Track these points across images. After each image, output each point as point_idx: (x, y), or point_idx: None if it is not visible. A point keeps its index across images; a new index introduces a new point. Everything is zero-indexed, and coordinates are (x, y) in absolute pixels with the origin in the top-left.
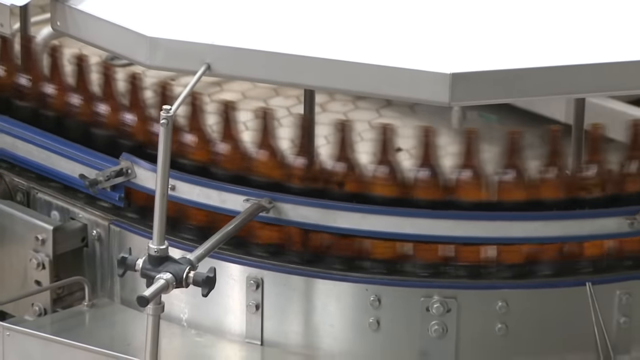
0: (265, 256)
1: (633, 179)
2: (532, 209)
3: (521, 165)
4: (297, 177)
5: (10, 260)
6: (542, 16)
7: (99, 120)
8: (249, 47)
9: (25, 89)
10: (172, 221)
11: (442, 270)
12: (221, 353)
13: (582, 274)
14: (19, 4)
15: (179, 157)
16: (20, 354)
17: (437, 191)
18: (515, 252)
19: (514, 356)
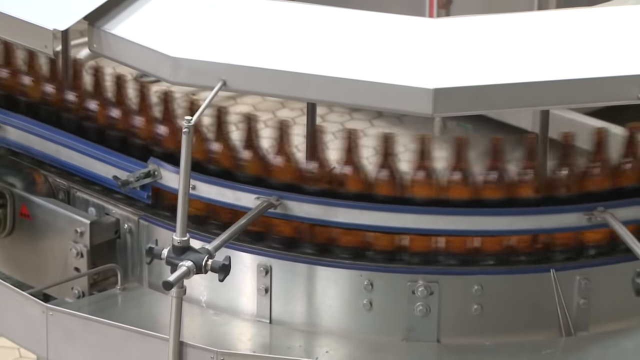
0: (274, 247)
1: (592, 181)
2: (506, 205)
3: (501, 168)
4: (301, 178)
5: (53, 250)
6: (511, 39)
7: (130, 129)
8: (259, 65)
9: (69, 103)
10: (195, 217)
11: (426, 258)
12: (235, 330)
13: (547, 262)
14: (61, 29)
15: (199, 161)
16: (62, 331)
17: (431, 190)
18: (490, 243)
19: (488, 333)
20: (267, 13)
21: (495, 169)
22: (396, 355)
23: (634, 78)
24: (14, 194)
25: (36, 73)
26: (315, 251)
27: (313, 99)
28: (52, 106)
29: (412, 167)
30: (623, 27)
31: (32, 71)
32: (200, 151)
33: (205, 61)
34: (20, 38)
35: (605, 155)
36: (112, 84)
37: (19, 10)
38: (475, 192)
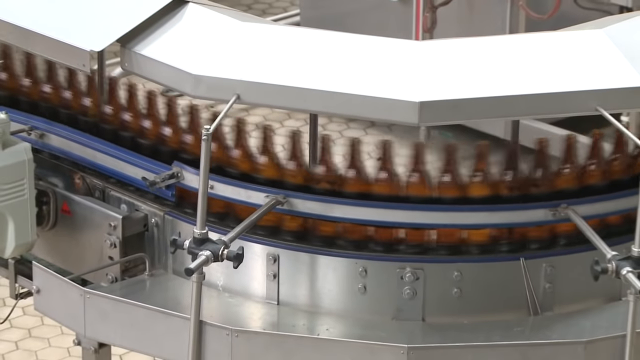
0: (281, 238)
1: (557, 181)
2: (483, 202)
3: (486, 170)
4: (305, 179)
5: (89, 241)
6: (486, 58)
7: (157, 137)
8: (268, 81)
9: (104, 114)
10: (215, 214)
11: (413, 249)
12: (247, 310)
13: (518, 251)
14: (97, 50)
15: (217, 164)
16: (97, 311)
17: (424, 189)
18: (469, 235)
19: (466, 313)
20: (274, 36)
21: (480, 171)
22: (387, 332)
23: (592, 92)
24: (56, 193)
25: (75, 88)
26: (317, 242)
27: (315, 111)
28: (89, 117)
29: (405, 170)
30: (582, 48)
31: (72, 86)
32: (217, 156)
33: (222, 78)
34: (62, 58)
35: (569, 159)
36: (141, 97)
37: (60, 32)
38: (458, 191)
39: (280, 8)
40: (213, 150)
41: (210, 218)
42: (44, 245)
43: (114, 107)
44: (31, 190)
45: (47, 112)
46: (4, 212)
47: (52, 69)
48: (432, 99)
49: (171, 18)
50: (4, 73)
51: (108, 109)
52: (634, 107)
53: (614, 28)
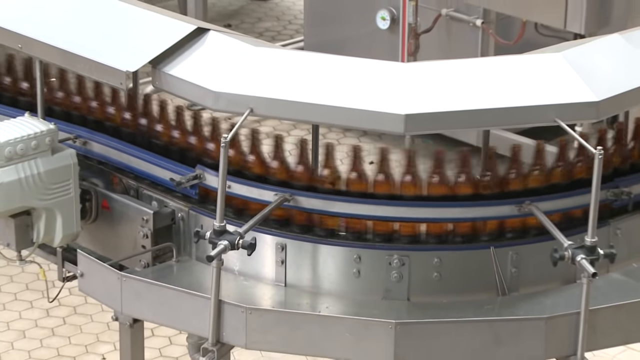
0: (288, 230)
1: (522, 182)
2: (459, 200)
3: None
4: (307, 180)
5: (126, 232)
6: (461, 78)
7: (183, 144)
8: (277, 97)
9: (138, 125)
10: (232, 209)
11: (399, 239)
12: (259, 291)
13: (488, 241)
14: (132, 70)
15: (234, 167)
16: (132, 292)
17: (416, 189)
18: (447, 227)
19: (444, 293)
20: (282, 59)
21: (463, 173)
22: (377, 310)
23: (551, 106)
24: (97, 192)
25: (113, 102)
26: (318, 234)
27: (317, 122)
28: (125, 127)
29: (399, 171)
30: (543, 69)
31: (110, 101)
32: (234, 160)
33: (238, 94)
34: (102, 77)
35: (536, 162)
36: (169, 111)
37: (100, 55)
38: (438, 190)
39: (287, 35)
40: (230, 155)
41: (228, 213)
42: (87, 236)
43: (146, 118)
44: (76, 189)
45: (90, 123)
46: (53, 208)
47: (92, 85)
48: (416, 112)
49: (195, 43)
50: (50, 90)
51: (141, 120)
52: (586, 119)
53: (569, 52)
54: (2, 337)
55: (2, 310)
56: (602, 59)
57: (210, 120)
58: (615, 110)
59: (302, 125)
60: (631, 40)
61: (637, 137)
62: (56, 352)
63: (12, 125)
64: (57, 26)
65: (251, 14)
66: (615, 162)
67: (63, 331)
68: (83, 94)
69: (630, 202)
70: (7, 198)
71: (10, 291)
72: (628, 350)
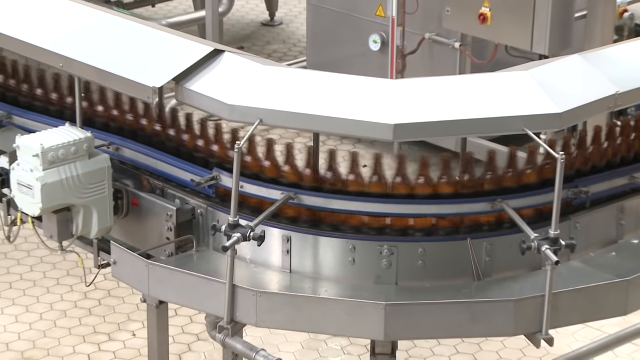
0: (292, 224)
1: (494, 182)
2: (441, 198)
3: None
4: (310, 180)
5: (152, 226)
6: (443, 92)
7: (201, 150)
8: (283, 109)
9: (163, 133)
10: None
11: (389, 232)
12: (268, 277)
13: (466, 233)
14: (158, 86)
15: (245, 169)
16: (157, 278)
17: (404, 189)
18: (431, 222)
19: (428, 279)
20: (288, 76)
21: (445, 175)
22: (370, 293)
23: (519, 117)
24: (128, 191)
25: (141, 114)
26: (319, 227)
27: (318, 131)
28: (152, 135)
29: (390, 174)
30: (512, 85)
31: (139, 113)
32: (246, 164)
33: (249, 107)
34: (132, 92)
35: (508, 165)
36: (191, 121)
37: (130, 73)
38: (422, 190)
39: (292, 56)
40: (243, 160)
41: (241, 209)
42: (119, 229)
43: (170, 128)
44: (109, 189)
45: (122, 131)
46: (90, 205)
47: (124, 99)
48: (403, 122)
49: (212, 63)
50: (86, 103)
51: (166, 130)
52: (550, 128)
53: (535, 70)
54: (46, 317)
55: (47, 294)
56: (564, 77)
57: (226, 129)
58: (576, 121)
59: (305, 134)
60: (589, 60)
61: (595, 144)
62: (93, 330)
63: (55, 133)
64: (93, 48)
65: (261, 37)
66: (575, 166)
67: (99, 311)
68: (116, 106)
69: (588, 200)
70: (50, 196)
71: (54, 277)
72: (586, 328)
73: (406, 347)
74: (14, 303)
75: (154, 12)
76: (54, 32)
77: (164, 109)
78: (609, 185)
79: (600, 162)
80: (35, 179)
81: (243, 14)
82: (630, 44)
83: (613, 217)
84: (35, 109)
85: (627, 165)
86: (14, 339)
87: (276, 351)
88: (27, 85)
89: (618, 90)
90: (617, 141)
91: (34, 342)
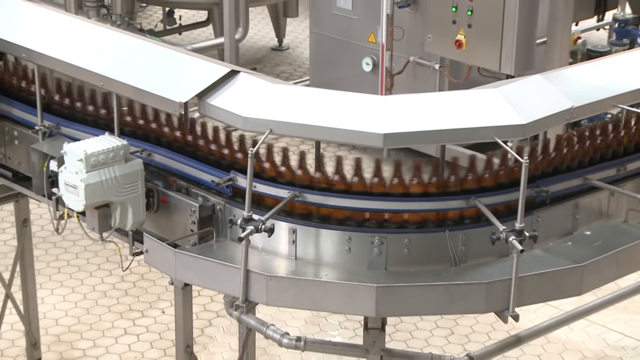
0: (297, 218)
1: (468, 182)
2: (425, 196)
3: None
4: (312, 181)
5: (179, 220)
6: (425, 107)
7: (221, 155)
8: (289, 121)
9: (188, 141)
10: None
11: (380, 224)
12: (276, 263)
13: (444, 226)
14: (183, 101)
15: (258, 171)
16: (183, 264)
17: (394, 188)
18: (414, 216)
19: (412, 264)
20: (294, 92)
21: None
22: (363, 276)
23: (490, 127)
24: (158, 190)
25: (170, 124)
26: (320, 221)
27: (319, 139)
28: (178, 142)
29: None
30: (484, 100)
31: (168, 123)
32: (258, 167)
33: (261, 118)
34: (162, 106)
35: (480, 168)
36: (211, 130)
37: (160, 90)
38: (407, 189)
39: (297, 75)
40: (256, 163)
41: (253, 205)
42: (150, 222)
43: (194, 136)
44: (142, 188)
45: (152, 139)
46: (125, 202)
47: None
48: (392, 132)
49: (229, 81)
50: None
51: (190, 138)
52: (516, 137)
53: (503, 88)
54: (89, 297)
55: (89, 277)
56: (527, 93)
57: (241, 137)
58: (537, 130)
59: (308, 141)
60: (548, 79)
61: (554, 150)
62: (128, 307)
63: (96, 141)
64: (129, 69)
65: (271, 60)
66: (537, 168)
67: (133, 292)
68: (148, 118)
69: (547, 198)
70: (92, 195)
71: (95, 263)
72: (546, 306)
73: (394, 322)
74: (61, 285)
75: (181, 39)
76: (95, 55)
77: (188, 120)
78: (566, 185)
79: (559, 165)
80: (80, 180)
81: (255, 40)
82: (582, 66)
83: (569, 212)
84: (80, 121)
85: (581, 168)
86: (62, 315)
87: (283, 326)
88: (72, 100)
89: (573, 104)
90: (572, 148)
91: (78, 318)
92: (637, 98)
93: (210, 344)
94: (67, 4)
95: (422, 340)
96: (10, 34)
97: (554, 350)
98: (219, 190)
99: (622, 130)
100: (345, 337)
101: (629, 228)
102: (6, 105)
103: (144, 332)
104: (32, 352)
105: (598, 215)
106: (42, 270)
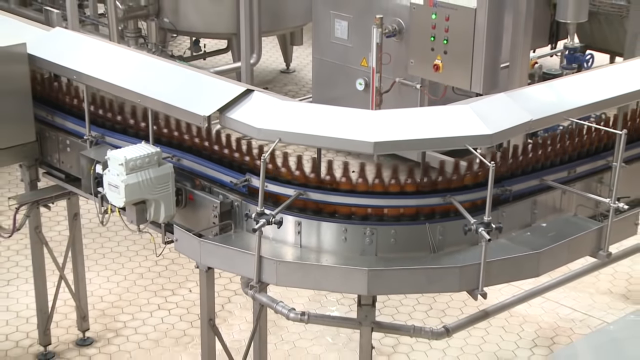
0: (302, 213)
1: (446, 183)
2: (407, 194)
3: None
4: (314, 181)
5: (203, 214)
6: (409, 120)
7: (238, 159)
8: (295, 131)
9: (212, 148)
10: (268, 200)
11: (371, 218)
12: (285, 251)
13: (425, 219)
14: (207, 114)
15: (269, 173)
16: (207, 251)
17: (381, 187)
18: (400, 211)
19: (398, 251)
20: (299, 108)
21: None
22: (357, 261)
23: (463, 137)
24: (185, 189)
25: (196, 134)
26: (321, 215)
27: (319, 146)
28: (203, 149)
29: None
30: (457, 115)
31: (194, 134)
32: (270, 169)
33: (272, 129)
34: (188, 119)
35: (454, 171)
36: (230, 139)
37: (187, 104)
38: (394, 188)
39: (302, 94)
40: (268, 167)
41: (265, 202)
42: (179, 216)
43: (216, 144)
44: (172, 188)
45: (181, 147)
46: (158, 199)
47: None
48: (381, 140)
49: (245, 98)
50: (156, 127)
51: (213, 145)
52: (484, 145)
53: (474, 104)
54: (129, 278)
55: (129, 261)
56: (494, 108)
57: (255, 145)
58: (502, 139)
59: (311, 148)
60: (511, 97)
61: (515, 156)
62: (161, 287)
63: (134, 148)
64: (161, 88)
65: (280, 81)
66: (502, 171)
67: (166, 274)
68: (177, 129)
69: (510, 196)
70: (131, 193)
71: (134, 250)
72: (509, 286)
73: (383, 299)
74: (106, 268)
75: (205, 64)
76: (134, 77)
77: (211, 130)
78: (526, 185)
79: (520, 168)
80: (121, 181)
81: (267, 64)
82: (539, 86)
83: (528, 207)
84: (121, 132)
85: (539, 171)
86: (106, 294)
87: (290, 302)
88: (114, 114)
89: (532, 118)
90: (531, 154)
91: (120, 296)
92: (584, 112)
93: (229, 318)
94: (110, 35)
95: (406, 315)
96: (64, 59)
97: (516, 323)
98: (236, 189)
99: (573, 139)
100: (342, 312)
101: (578, 221)
102: (60, 119)
103: (174, 308)
104: (82, 323)
105: (552, 210)
106: (90, 256)
